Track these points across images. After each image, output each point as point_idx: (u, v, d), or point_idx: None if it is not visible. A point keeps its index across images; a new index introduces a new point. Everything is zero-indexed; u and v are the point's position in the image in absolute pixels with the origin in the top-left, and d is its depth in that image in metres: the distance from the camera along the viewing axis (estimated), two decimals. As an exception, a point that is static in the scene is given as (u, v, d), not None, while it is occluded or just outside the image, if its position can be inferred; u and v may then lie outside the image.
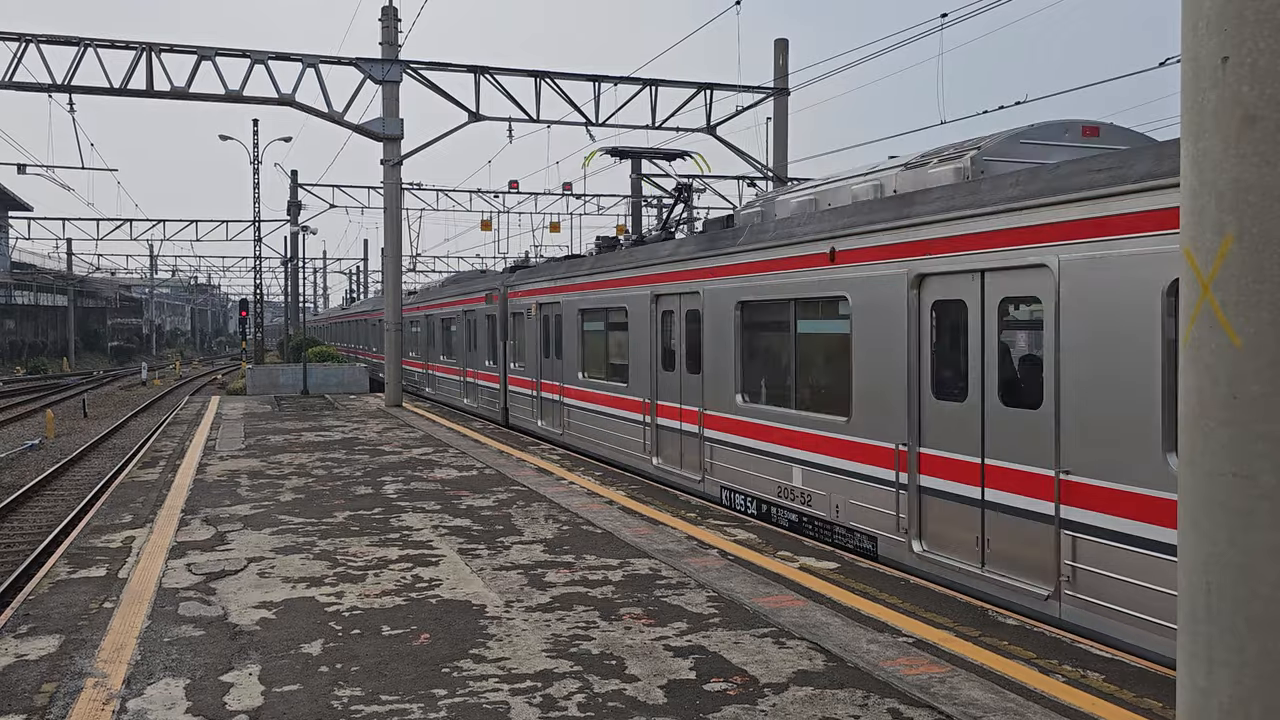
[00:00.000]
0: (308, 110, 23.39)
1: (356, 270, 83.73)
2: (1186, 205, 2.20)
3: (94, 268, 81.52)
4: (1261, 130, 2.04)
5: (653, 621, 6.98)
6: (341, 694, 5.67)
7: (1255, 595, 2.07)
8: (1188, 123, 2.20)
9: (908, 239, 8.74)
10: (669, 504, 11.57)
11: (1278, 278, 2.04)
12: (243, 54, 22.53)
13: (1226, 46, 2.09)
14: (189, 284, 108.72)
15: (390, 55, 24.52)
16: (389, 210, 25.74)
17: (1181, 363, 2.23)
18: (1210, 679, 2.15)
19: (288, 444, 17.89)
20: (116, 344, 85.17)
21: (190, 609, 7.41)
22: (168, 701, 5.57)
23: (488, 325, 23.12)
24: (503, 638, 6.65)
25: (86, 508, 15.99)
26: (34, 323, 72.25)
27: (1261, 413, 2.05)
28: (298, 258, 47.40)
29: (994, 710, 5.35)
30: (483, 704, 5.50)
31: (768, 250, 11.10)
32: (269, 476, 13.97)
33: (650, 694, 5.62)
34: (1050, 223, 7.27)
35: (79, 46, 21.46)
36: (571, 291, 17.58)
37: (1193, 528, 2.19)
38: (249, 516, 11.00)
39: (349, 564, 8.77)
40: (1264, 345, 2.05)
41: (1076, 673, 5.91)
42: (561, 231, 44.44)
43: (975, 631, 6.70)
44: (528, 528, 10.25)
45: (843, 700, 5.53)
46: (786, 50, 26.69)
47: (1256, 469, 2.06)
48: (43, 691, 5.75)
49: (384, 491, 12.64)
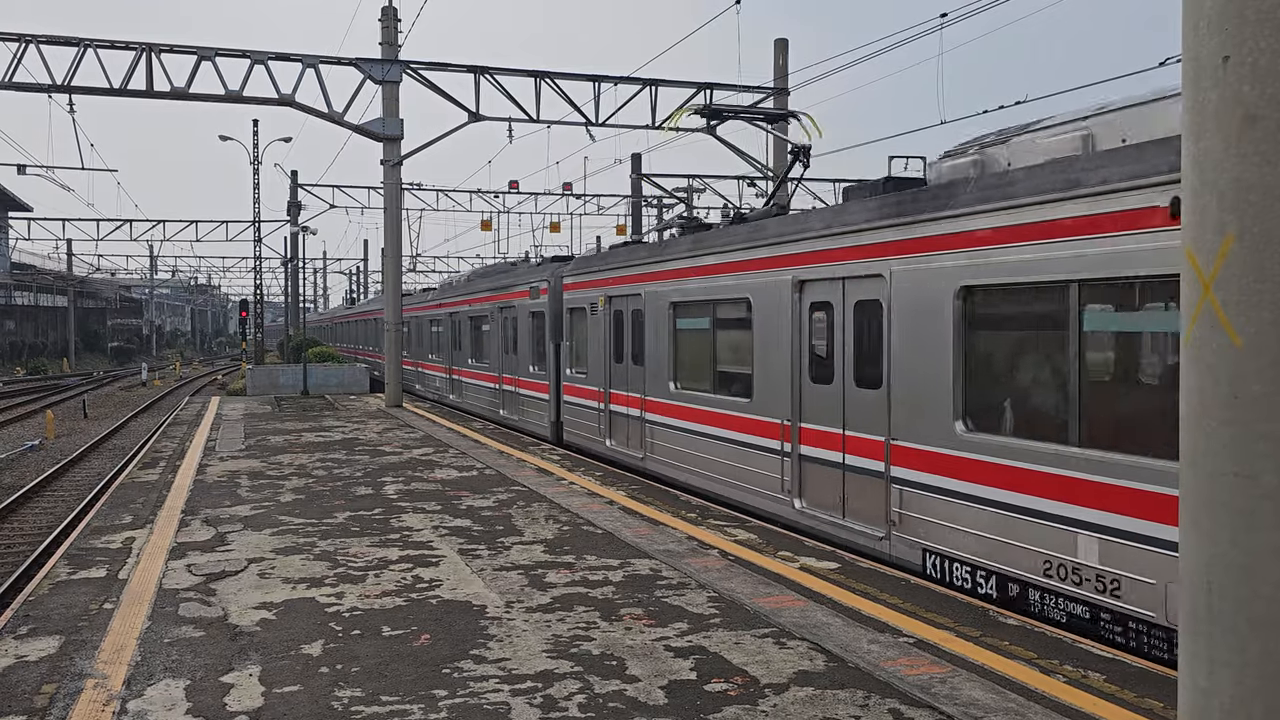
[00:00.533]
0: (308, 110, 23.39)
1: (356, 270, 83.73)
2: (1188, 205, 2.20)
3: (94, 268, 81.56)
4: (1262, 130, 2.04)
5: (653, 622, 6.98)
6: (342, 695, 5.67)
7: (1257, 595, 2.06)
8: (1189, 122, 2.19)
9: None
10: (669, 504, 11.57)
11: (1279, 277, 2.03)
12: (242, 54, 22.54)
13: (1227, 46, 2.08)
14: (189, 284, 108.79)
15: (390, 55, 24.52)
16: (389, 210, 25.74)
17: (1183, 362, 2.22)
18: (1212, 679, 2.15)
19: (288, 444, 17.89)
20: (116, 345, 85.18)
21: (190, 610, 7.41)
22: (168, 702, 5.57)
23: (532, 324, 19.66)
24: (503, 638, 6.65)
25: (87, 508, 15.99)
26: (34, 323, 72.26)
27: (1263, 412, 2.05)
28: (298, 258, 47.42)
29: (995, 710, 5.34)
30: (483, 705, 5.49)
31: (1020, 210, 7.65)
32: (269, 477, 13.96)
33: (651, 694, 5.62)
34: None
35: (79, 47, 21.47)
36: (658, 281, 14.08)
37: (1194, 528, 2.19)
38: (249, 517, 11.00)
39: (349, 565, 8.76)
40: (1265, 345, 2.05)
41: (1077, 673, 5.90)
42: (561, 231, 44.42)
43: (976, 632, 6.69)
44: (528, 528, 10.25)
45: (844, 701, 5.52)
46: (786, 50, 26.70)
47: (1258, 469, 2.06)
48: (43, 692, 5.75)
49: (384, 492, 12.64)
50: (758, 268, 11.38)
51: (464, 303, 25.85)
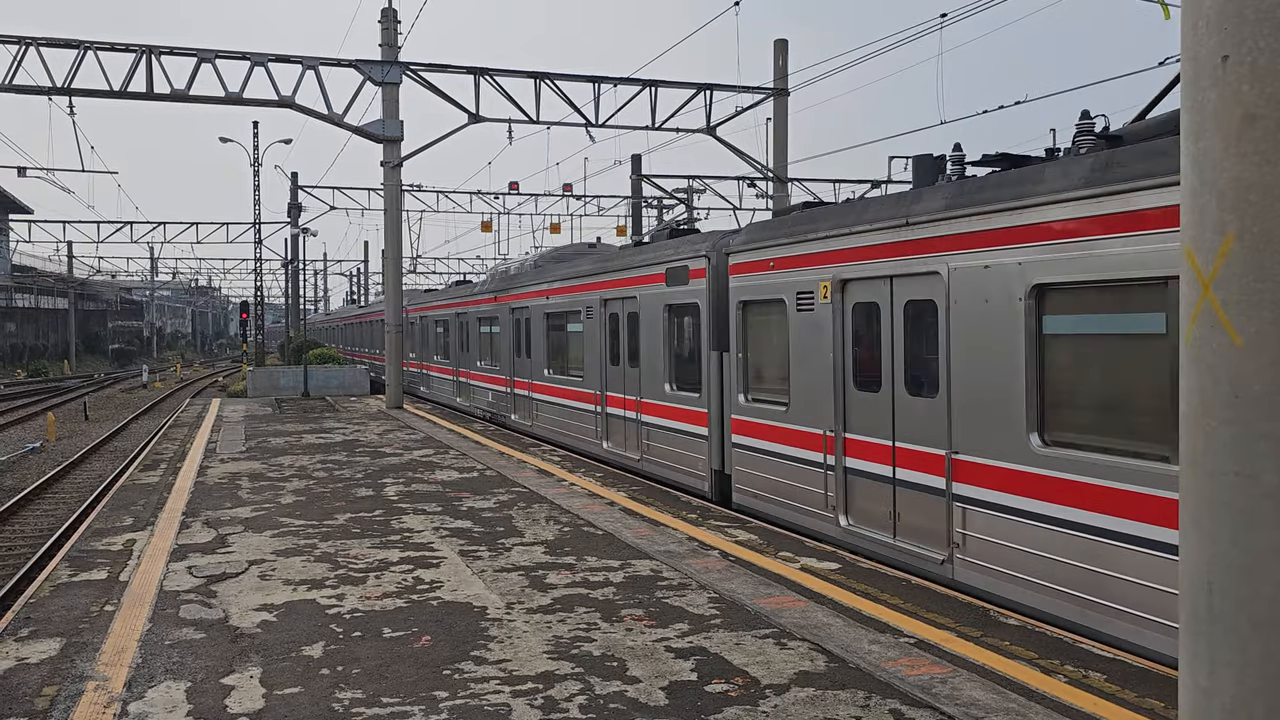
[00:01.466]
0: (308, 112, 23.40)
1: (357, 272, 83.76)
2: (1187, 204, 2.20)
3: (95, 270, 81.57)
4: (1262, 129, 2.04)
5: (654, 623, 6.98)
6: (343, 696, 5.67)
7: (1258, 595, 2.06)
8: (1188, 122, 2.19)
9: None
10: (670, 505, 11.56)
11: (1279, 276, 2.03)
12: (243, 56, 22.55)
13: (1226, 46, 2.08)
14: (189, 286, 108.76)
15: (390, 57, 24.53)
16: (389, 212, 25.74)
17: (1183, 362, 2.22)
18: (1213, 679, 2.15)
19: (288, 446, 17.89)
20: (117, 347, 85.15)
21: (191, 612, 7.41)
22: (169, 704, 5.57)
23: (667, 323, 14.14)
24: (504, 639, 6.64)
25: (88, 511, 15.98)
26: (35, 326, 72.28)
27: (1263, 412, 2.05)
28: (298, 260, 47.43)
29: (996, 711, 5.34)
30: (484, 706, 5.49)
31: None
32: (270, 479, 13.96)
33: (652, 695, 5.61)
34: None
35: (79, 49, 21.48)
36: (994, 247, 7.84)
37: (1194, 527, 2.19)
38: (250, 519, 11.00)
39: (350, 566, 8.76)
40: (1265, 344, 2.04)
41: (1078, 673, 5.90)
42: (562, 232, 44.35)
43: (977, 632, 6.69)
44: (529, 529, 10.24)
45: (844, 701, 5.52)
46: (786, 51, 26.70)
47: (1259, 468, 2.06)
48: (44, 695, 5.75)
49: (385, 493, 12.63)
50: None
51: (529, 295, 20.41)
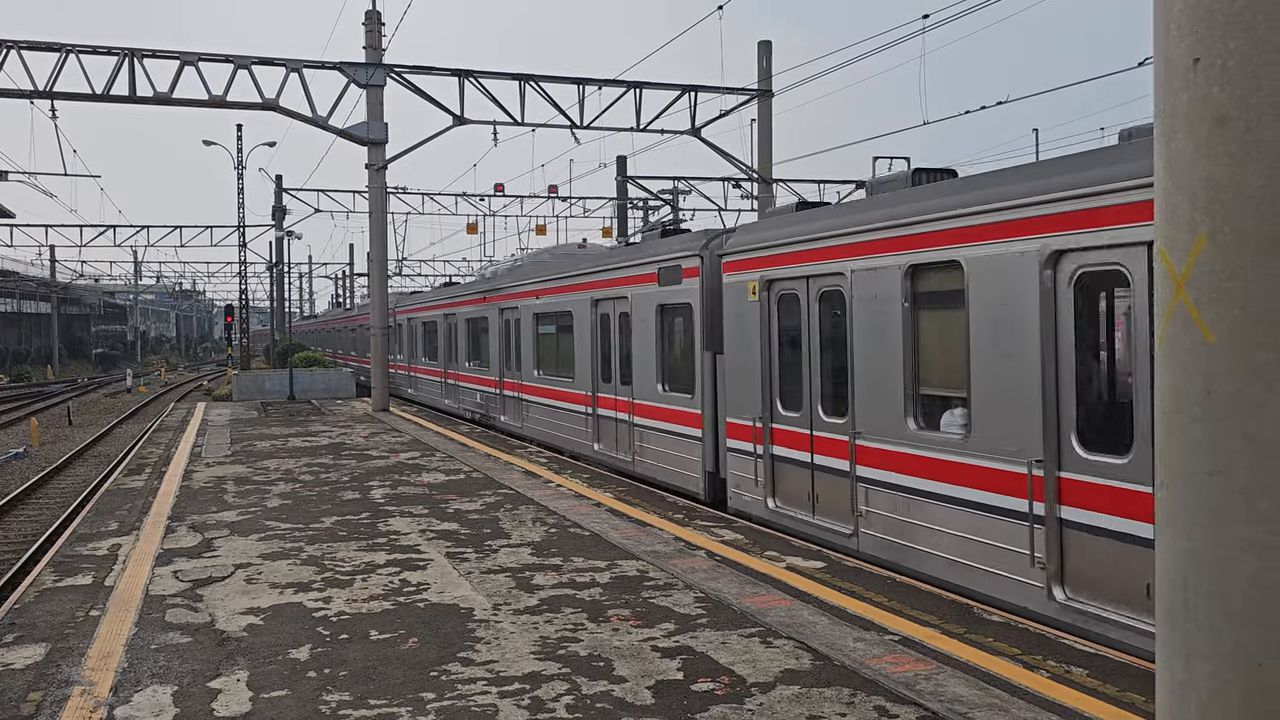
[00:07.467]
0: (292, 115, 23.32)
1: (342, 275, 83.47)
2: (1160, 205, 2.23)
3: (77, 274, 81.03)
4: (1232, 131, 2.07)
5: (640, 623, 7.00)
6: (330, 699, 5.67)
7: (1231, 589, 2.09)
8: (1161, 124, 2.22)
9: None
10: (656, 505, 11.58)
11: (1250, 275, 2.06)
12: (226, 59, 22.45)
13: (1197, 49, 2.11)
14: (173, 290, 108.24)
15: (374, 59, 24.49)
16: (374, 214, 25.69)
17: (1157, 360, 2.25)
18: (1189, 672, 2.18)
19: (274, 450, 17.83)
20: (101, 351, 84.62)
21: (177, 616, 7.39)
22: (155, 709, 5.56)
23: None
24: (491, 640, 6.65)
25: (72, 516, 15.90)
26: (17, 330, 71.81)
27: (1235, 409, 2.08)
28: (283, 263, 47.26)
29: (979, 706, 5.38)
30: (471, 707, 5.50)
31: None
32: (255, 482, 13.92)
33: (638, 695, 5.63)
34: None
35: (60, 52, 21.35)
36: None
37: (1169, 524, 2.22)
38: (236, 523, 10.97)
39: (336, 569, 8.75)
40: (1237, 342, 2.07)
41: (1060, 668, 5.95)
42: (547, 234, 44.34)
43: (960, 628, 6.73)
44: (515, 531, 10.25)
45: (829, 698, 5.55)
46: (770, 52, 26.76)
47: (1231, 464, 2.09)
48: (29, 700, 5.73)
49: (371, 496, 12.61)
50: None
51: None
